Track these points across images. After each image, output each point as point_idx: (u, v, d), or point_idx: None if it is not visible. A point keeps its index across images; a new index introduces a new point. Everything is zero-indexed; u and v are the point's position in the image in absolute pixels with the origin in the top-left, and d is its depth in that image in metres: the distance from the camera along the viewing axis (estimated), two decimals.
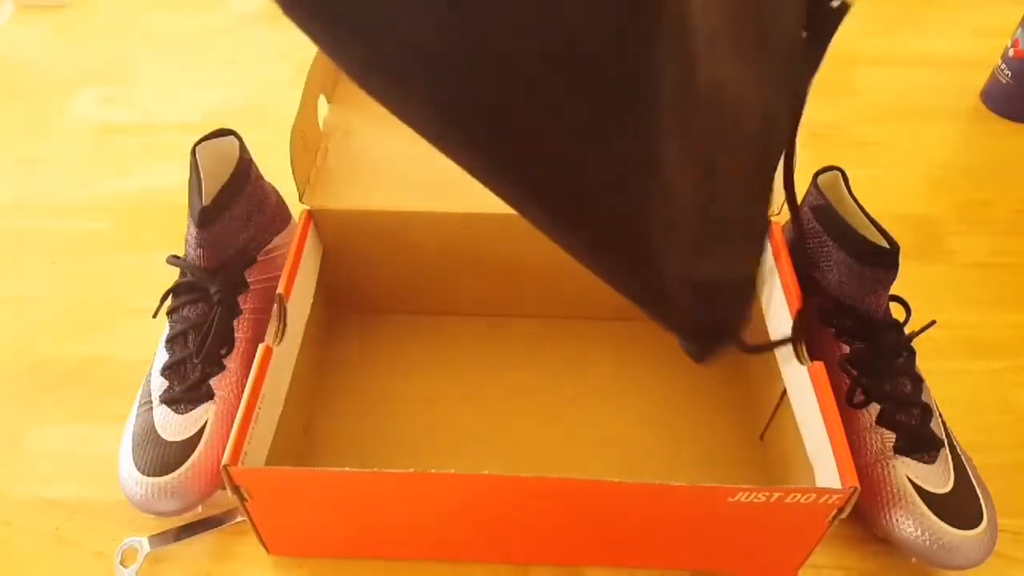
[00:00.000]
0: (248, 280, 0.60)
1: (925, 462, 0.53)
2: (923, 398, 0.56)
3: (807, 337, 0.53)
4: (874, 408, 0.55)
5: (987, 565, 0.51)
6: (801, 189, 0.60)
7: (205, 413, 0.56)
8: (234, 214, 0.58)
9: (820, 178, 0.59)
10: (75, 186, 0.83)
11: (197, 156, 0.58)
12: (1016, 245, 0.77)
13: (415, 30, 0.25)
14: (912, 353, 0.57)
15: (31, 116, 0.92)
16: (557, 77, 0.26)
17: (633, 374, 0.65)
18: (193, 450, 0.54)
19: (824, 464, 0.48)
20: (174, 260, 0.59)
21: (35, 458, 0.60)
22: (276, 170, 0.62)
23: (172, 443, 0.54)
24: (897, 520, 0.52)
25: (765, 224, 0.43)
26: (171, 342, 0.58)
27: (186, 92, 0.94)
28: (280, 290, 0.55)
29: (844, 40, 0.35)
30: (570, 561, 0.55)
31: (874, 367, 0.56)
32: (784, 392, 0.55)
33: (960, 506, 0.52)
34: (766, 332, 0.58)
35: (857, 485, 0.45)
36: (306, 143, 0.60)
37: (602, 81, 0.26)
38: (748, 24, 0.31)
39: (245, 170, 0.59)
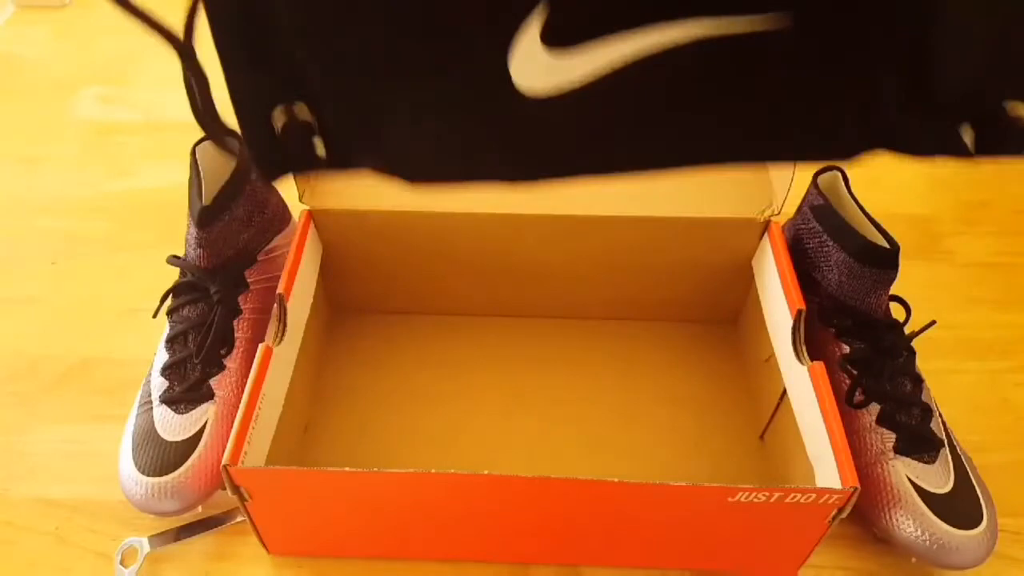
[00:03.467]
0: (248, 280, 0.60)
1: (925, 462, 0.53)
2: (923, 398, 0.56)
3: (807, 337, 0.53)
4: (874, 408, 0.55)
5: (987, 565, 0.51)
6: (801, 189, 0.60)
7: (205, 413, 0.56)
8: (234, 214, 0.58)
9: (820, 178, 0.59)
10: (75, 186, 0.83)
11: (197, 156, 0.58)
12: (1015, 245, 0.77)
13: None
14: (912, 353, 0.57)
15: (31, 116, 0.92)
16: None
17: (633, 374, 0.65)
18: (193, 450, 0.54)
19: (824, 464, 0.48)
20: (174, 260, 0.59)
21: (35, 458, 0.60)
22: None
23: (172, 443, 0.54)
24: (897, 520, 0.52)
25: None
26: (171, 342, 0.58)
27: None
28: (280, 290, 0.55)
29: None
30: (570, 561, 0.55)
31: (874, 367, 0.56)
32: (784, 392, 0.55)
33: (960, 506, 0.52)
34: (767, 333, 0.58)
35: (857, 485, 0.45)
36: None
37: None
38: None
39: (245, 170, 0.59)
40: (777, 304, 0.57)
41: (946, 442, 0.55)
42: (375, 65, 0.30)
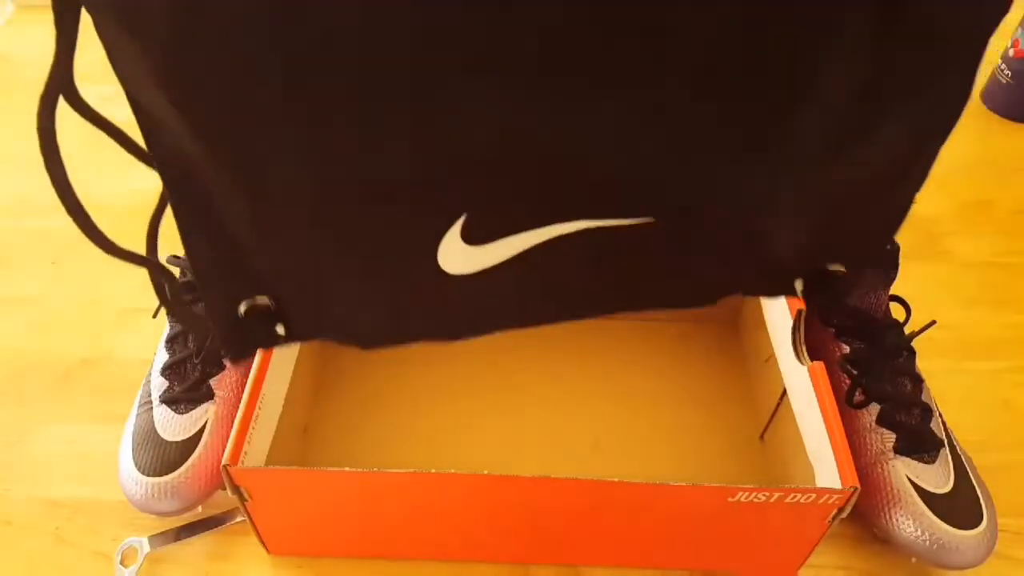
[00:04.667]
0: None
1: (925, 462, 0.53)
2: (923, 398, 0.56)
3: (807, 337, 0.53)
4: (874, 408, 0.55)
5: (987, 565, 0.51)
6: None
7: (205, 413, 0.56)
8: None
9: None
10: (75, 186, 0.83)
11: None
12: (1016, 245, 0.77)
13: None
14: (912, 353, 0.57)
15: (31, 116, 0.92)
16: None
17: (633, 374, 0.65)
18: (193, 450, 0.54)
19: (824, 464, 0.48)
20: (174, 260, 0.59)
21: (35, 458, 0.60)
22: None
23: (172, 443, 0.54)
24: (897, 520, 0.52)
25: None
26: (171, 342, 0.58)
27: None
28: None
29: None
30: (570, 561, 0.55)
31: (874, 367, 0.56)
32: (784, 392, 0.55)
33: (960, 506, 0.52)
34: (767, 333, 0.58)
35: (857, 485, 0.45)
36: None
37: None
38: None
39: None
40: (777, 304, 0.57)
41: (946, 442, 0.55)
42: (327, 266, 0.38)
